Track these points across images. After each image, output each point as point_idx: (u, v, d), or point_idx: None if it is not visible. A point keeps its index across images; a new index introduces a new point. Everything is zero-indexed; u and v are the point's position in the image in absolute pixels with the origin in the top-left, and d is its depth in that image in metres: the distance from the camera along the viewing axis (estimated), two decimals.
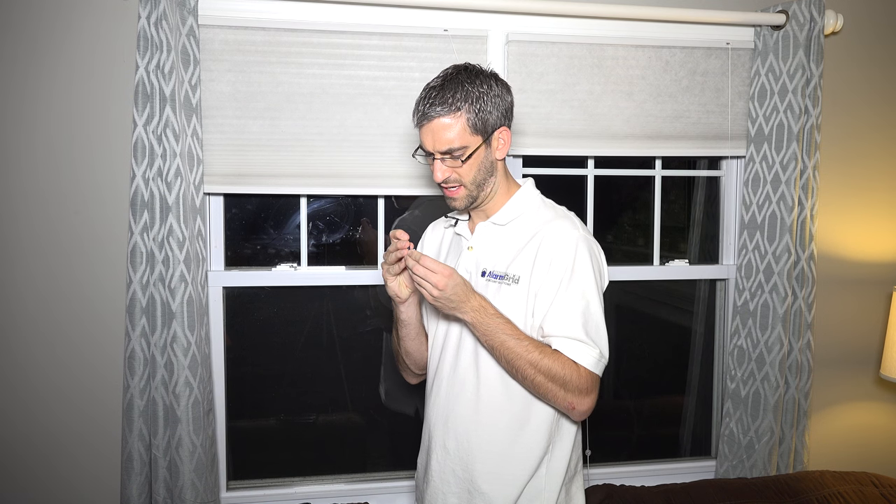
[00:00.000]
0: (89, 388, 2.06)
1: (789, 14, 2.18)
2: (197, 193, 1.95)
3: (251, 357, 2.35)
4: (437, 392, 1.54)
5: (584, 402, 1.39)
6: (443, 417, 1.52)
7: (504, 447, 1.46)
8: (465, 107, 1.39)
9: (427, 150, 1.44)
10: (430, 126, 1.41)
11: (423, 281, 1.36)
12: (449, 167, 1.43)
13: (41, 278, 2.01)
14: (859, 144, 2.43)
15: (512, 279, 1.45)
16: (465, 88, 1.39)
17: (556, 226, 1.46)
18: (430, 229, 1.73)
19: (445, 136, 1.40)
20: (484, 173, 1.45)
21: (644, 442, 2.68)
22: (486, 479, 1.46)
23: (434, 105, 1.39)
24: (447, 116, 1.39)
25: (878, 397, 2.54)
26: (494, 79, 1.44)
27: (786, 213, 2.22)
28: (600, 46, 2.19)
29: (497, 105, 1.42)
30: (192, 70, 1.92)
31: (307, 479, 2.30)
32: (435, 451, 1.53)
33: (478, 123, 1.40)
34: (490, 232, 1.52)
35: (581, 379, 1.37)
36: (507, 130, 1.46)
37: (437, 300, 1.37)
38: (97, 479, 2.08)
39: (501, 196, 1.51)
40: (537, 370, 1.36)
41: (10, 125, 1.95)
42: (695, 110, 2.27)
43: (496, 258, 1.49)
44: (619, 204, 2.69)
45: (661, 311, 2.71)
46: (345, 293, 2.40)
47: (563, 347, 1.39)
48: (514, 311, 1.43)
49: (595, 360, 1.39)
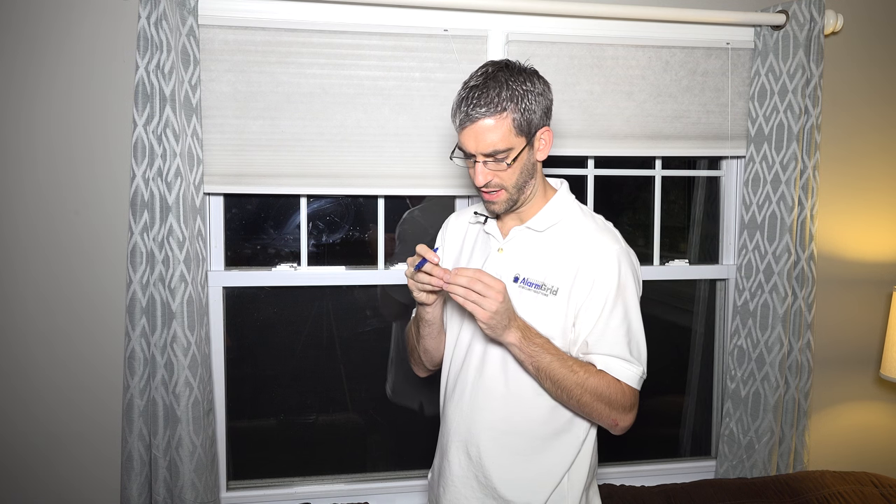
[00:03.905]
0: (89, 387, 2.06)
1: (789, 14, 2.18)
2: (197, 193, 1.95)
3: (251, 357, 2.35)
4: (460, 397, 1.50)
5: (628, 419, 1.41)
6: (465, 424, 1.48)
7: (530, 457, 1.44)
8: (510, 106, 1.32)
9: (468, 153, 1.37)
10: (474, 128, 1.34)
11: (480, 298, 1.28)
12: (491, 170, 1.37)
13: (41, 278, 2.01)
14: (859, 144, 2.43)
15: (550, 290, 1.40)
16: (510, 87, 1.33)
17: (597, 241, 1.42)
18: (454, 219, 1.67)
19: (490, 139, 1.33)
20: (525, 176, 1.40)
21: (644, 442, 2.68)
22: (509, 487, 1.44)
23: (478, 106, 1.32)
24: (492, 117, 1.32)
25: (878, 397, 2.54)
26: (536, 76, 1.39)
27: (786, 213, 2.22)
28: (600, 46, 2.19)
29: (540, 103, 1.37)
30: (192, 70, 1.92)
31: (307, 479, 2.30)
32: (456, 457, 1.50)
33: (523, 124, 1.34)
34: (525, 237, 1.47)
35: (625, 397, 1.38)
36: (549, 130, 1.41)
37: (493, 318, 1.29)
38: (97, 479, 2.08)
39: (538, 200, 1.46)
40: (584, 390, 1.35)
41: (10, 125, 1.95)
42: (695, 110, 2.27)
43: (532, 265, 1.44)
44: (619, 204, 2.69)
45: (661, 311, 2.70)
46: (345, 293, 2.40)
47: (609, 367, 1.38)
48: (551, 323, 1.40)
49: (638, 378, 1.41)
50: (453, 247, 1.62)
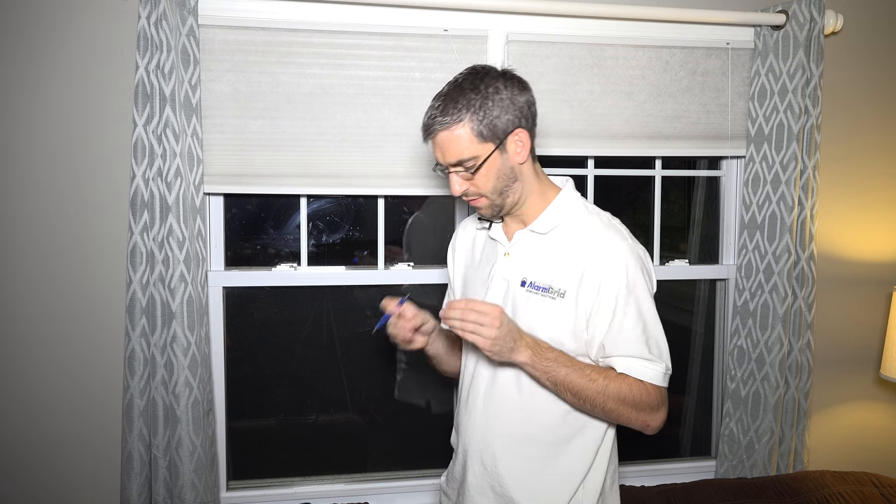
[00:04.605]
0: (89, 388, 2.06)
1: (789, 14, 2.18)
2: (197, 193, 1.95)
3: (251, 357, 2.34)
4: (474, 405, 1.48)
5: (657, 418, 1.38)
6: (479, 432, 1.46)
7: (547, 464, 1.42)
8: (467, 115, 1.31)
9: (439, 164, 1.39)
10: (436, 140, 1.35)
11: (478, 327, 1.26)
12: (465, 179, 1.37)
13: (41, 278, 2.01)
14: (859, 144, 2.43)
15: (557, 293, 1.37)
16: (467, 96, 1.31)
17: (603, 239, 1.38)
18: (461, 230, 1.65)
19: (452, 149, 1.33)
20: (504, 181, 1.37)
21: (644, 442, 2.68)
22: (524, 496, 1.43)
23: (436, 118, 1.33)
24: (450, 128, 1.32)
25: (878, 397, 2.54)
26: (504, 78, 1.35)
27: (786, 213, 2.22)
28: (600, 46, 2.19)
29: (506, 107, 1.33)
30: (192, 70, 1.92)
31: (307, 479, 2.30)
32: (472, 466, 1.48)
33: (484, 131, 1.32)
34: (529, 240, 1.44)
35: (650, 397, 1.35)
36: (524, 131, 1.37)
37: (496, 343, 1.27)
38: (97, 479, 2.08)
39: (537, 201, 1.43)
40: (607, 397, 1.33)
41: (10, 125, 1.95)
42: (695, 110, 2.27)
43: (538, 268, 1.41)
44: (619, 204, 2.69)
45: (661, 311, 2.69)
46: (345, 293, 2.40)
47: (629, 368, 1.35)
48: (560, 327, 1.38)
49: (662, 375, 1.37)
50: (465, 259, 1.60)
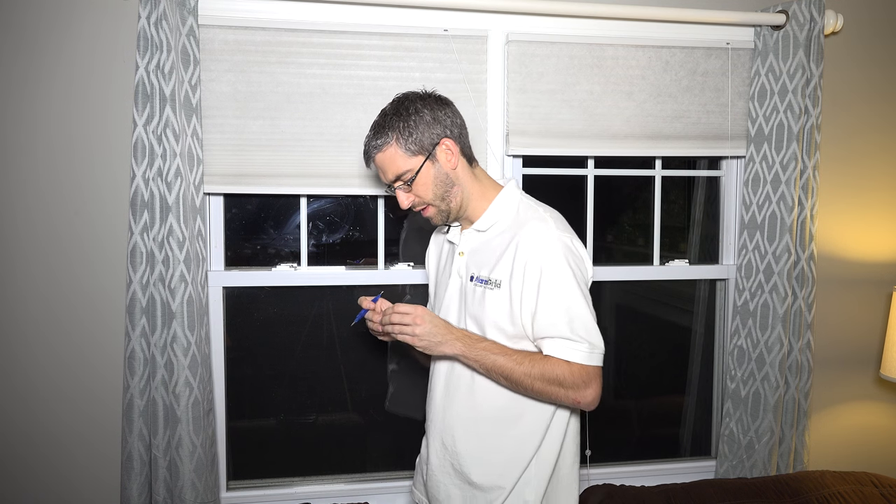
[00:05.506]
0: (89, 387, 2.06)
1: (789, 14, 2.18)
2: (197, 193, 1.95)
3: (251, 357, 2.34)
4: (435, 390, 1.61)
5: (587, 395, 1.44)
6: (440, 414, 1.59)
7: (498, 441, 1.52)
8: (393, 136, 1.47)
9: (385, 184, 1.54)
10: (376, 163, 1.51)
11: (403, 327, 1.44)
12: (409, 192, 1.51)
13: (41, 278, 2.01)
14: (859, 144, 2.43)
15: (495, 284, 1.49)
16: (391, 121, 1.48)
17: (529, 228, 1.48)
18: (432, 240, 1.80)
19: (389, 167, 1.49)
20: (442, 187, 1.50)
21: (644, 442, 2.68)
22: (479, 472, 1.53)
23: (370, 144, 1.51)
24: (382, 150, 1.48)
25: (878, 397, 2.54)
26: (423, 99, 1.50)
27: (786, 213, 2.22)
28: (600, 46, 2.19)
29: (429, 123, 1.48)
30: (192, 70, 1.92)
31: (307, 479, 2.30)
32: (433, 446, 1.61)
33: (412, 146, 1.47)
34: (474, 238, 1.58)
35: (574, 375, 1.43)
36: (450, 140, 1.50)
37: (423, 339, 1.44)
38: (97, 479, 2.08)
39: (479, 202, 1.55)
40: (533, 378, 1.43)
41: (10, 125, 1.95)
42: (695, 110, 2.27)
43: (481, 263, 1.54)
44: (619, 204, 2.69)
45: (661, 311, 2.70)
46: (345, 293, 2.40)
47: (552, 349, 1.44)
48: (500, 314, 1.48)
49: (586, 354, 1.43)
50: (435, 263, 1.75)
